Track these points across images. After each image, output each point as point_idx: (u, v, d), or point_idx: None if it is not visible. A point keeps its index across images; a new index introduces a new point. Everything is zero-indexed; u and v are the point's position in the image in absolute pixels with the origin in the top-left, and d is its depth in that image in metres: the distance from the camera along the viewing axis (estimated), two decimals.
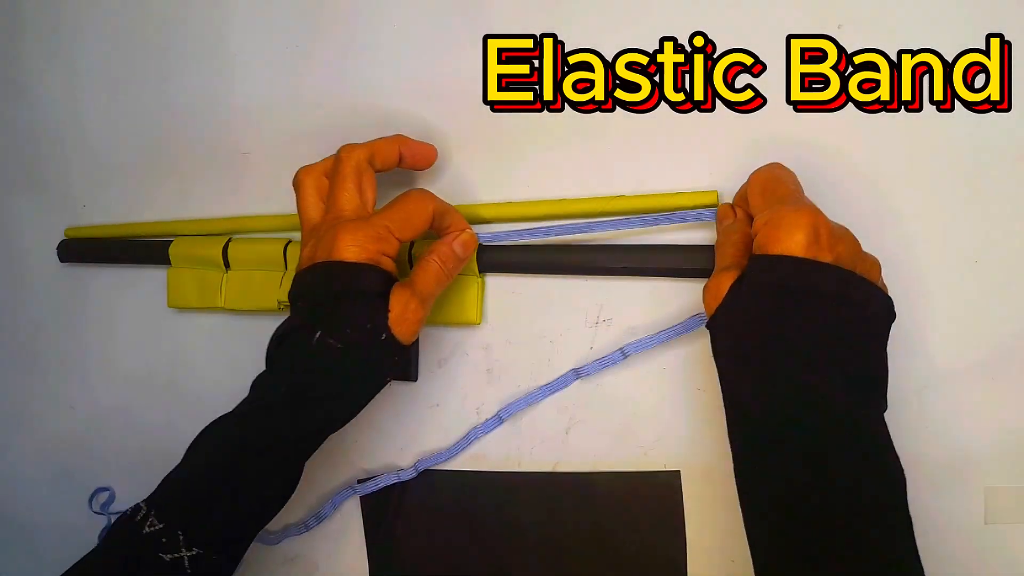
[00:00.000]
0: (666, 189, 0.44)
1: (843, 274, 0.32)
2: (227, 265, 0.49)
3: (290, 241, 0.48)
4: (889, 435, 0.33)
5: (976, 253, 0.41)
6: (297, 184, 0.41)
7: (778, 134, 0.43)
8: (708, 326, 0.36)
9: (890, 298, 0.35)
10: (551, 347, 0.46)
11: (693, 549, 0.45)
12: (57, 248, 0.53)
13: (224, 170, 0.50)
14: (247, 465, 0.37)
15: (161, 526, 0.35)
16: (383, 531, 0.49)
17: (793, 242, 0.32)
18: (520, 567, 0.47)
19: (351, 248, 0.37)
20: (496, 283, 0.47)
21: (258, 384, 0.39)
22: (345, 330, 0.37)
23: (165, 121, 0.51)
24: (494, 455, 0.47)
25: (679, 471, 0.45)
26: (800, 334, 0.32)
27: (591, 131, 0.45)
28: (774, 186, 0.36)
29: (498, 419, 0.46)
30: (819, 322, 0.32)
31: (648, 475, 0.45)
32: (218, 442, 0.38)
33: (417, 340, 0.47)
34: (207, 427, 0.38)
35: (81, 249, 0.53)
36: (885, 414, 0.34)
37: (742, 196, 0.39)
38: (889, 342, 0.42)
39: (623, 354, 0.43)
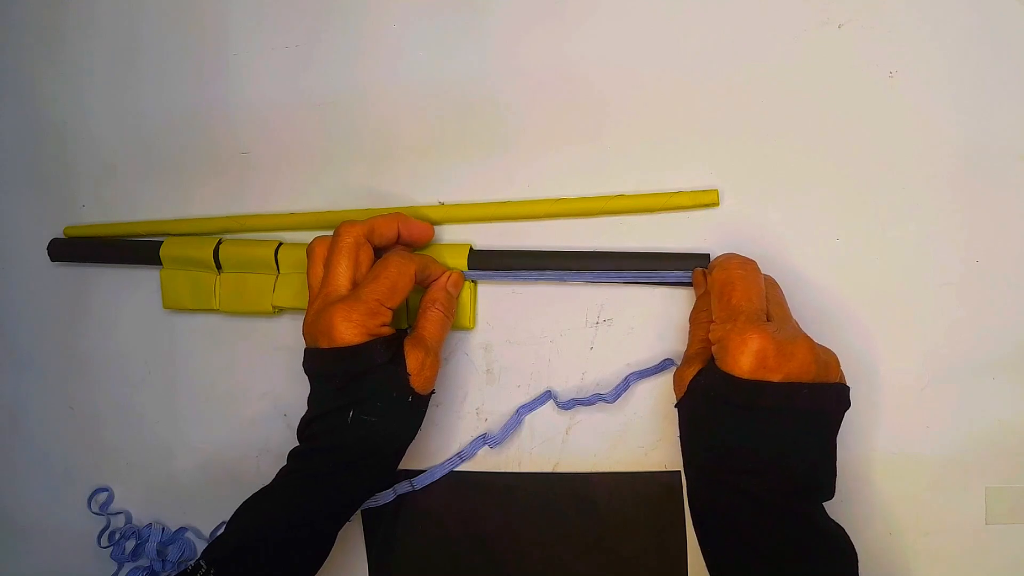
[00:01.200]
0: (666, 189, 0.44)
1: (788, 390, 0.34)
2: (219, 267, 0.49)
3: (281, 243, 0.48)
4: (830, 522, 0.35)
5: (976, 253, 0.41)
6: (309, 253, 0.42)
7: (775, 134, 0.43)
8: (676, 407, 0.39)
9: (844, 387, 0.36)
10: (551, 347, 0.46)
11: (693, 549, 0.45)
12: (47, 247, 0.52)
13: (224, 170, 0.50)
14: (291, 535, 0.38)
15: None
16: (382, 530, 0.49)
17: (739, 367, 0.34)
18: (520, 567, 0.47)
19: (351, 331, 0.38)
20: (495, 283, 0.47)
21: (296, 456, 0.41)
22: (376, 404, 0.39)
23: (165, 120, 0.51)
24: (494, 455, 0.47)
25: (679, 471, 0.45)
26: (742, 444, 0.35)
27: (591, 129, 0.45)
28: (729, 293, 0.37)
29: (482, 440, 0.46)
30: (761, 433, 0.34)
31: (648, 475, 0.45)
32: (263, 513, 0.39)
33: None
34: (250, 499, 0.40)
35: (71, 249, 0.52)
36: (885, 420, 0.35)
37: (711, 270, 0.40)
38: (889, 342, 0.42)
39: (602, 399, 0.45)
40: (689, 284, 0.43)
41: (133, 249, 0.51)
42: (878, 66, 0.41)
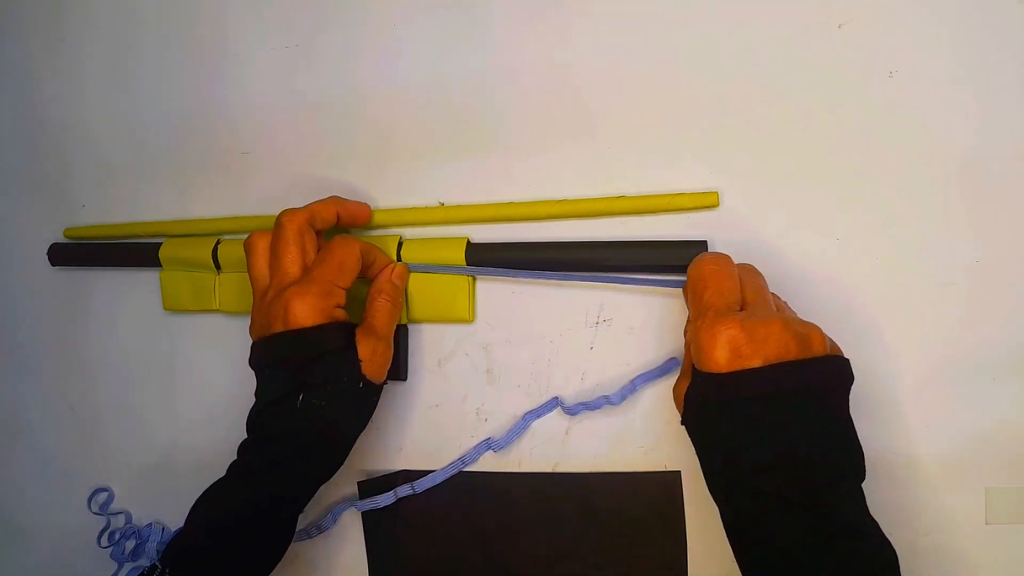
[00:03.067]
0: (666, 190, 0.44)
1: (770, 373, 0.33)
2: (218, 267, 0.49)
3: None
4: (863, 517, 0.33)
5: (976, 253, 0.41)
6: (249, 248, 0.42)
7: (775, 134, 0.43)
8: (683, 424, 0.38)
9: (837, 359, 0.35)
10: (551, 347, 0.46)
11: (693, 549, 0.45)
12: (48, 252, 0.52)
13: (224, 170, 0.50)
14: (247, 526, 0.38)
15: None
16: (382, 531, 0.49)
17: (714, 362, 0.33)
18: (520, 567, 0.47)
19: (306, 311, 0.38)
20: (495, 283, 0.47)
21: (247, 447, 0.40)
22: (327, 389, 0.39)
23: (165, 121, 0.51)
24: (494, 455, 0.47)
25: (679, 471, 0.45)
26: (746, 443, 0.33)
27: (591, 129, 0.45)
28: (700, 291, 0.36)
29: (487, 444, 0.46)
30: (761, 427, 0.33)
31: (648, 475, 0.45)
32: (217, 506, 0.39)
33: (407, 339, 0.47)
34: (204, 493, 0.40)
35: (71, 253, 0.52)
36: (885, 420, 0.34)
37: None
38: (889, 342, 0.42)
39: (608, 402, 0.44)
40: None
41: (132, 252, 0.51)
42: (878, 66, 0.41)
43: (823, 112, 0.42)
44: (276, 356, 0.40)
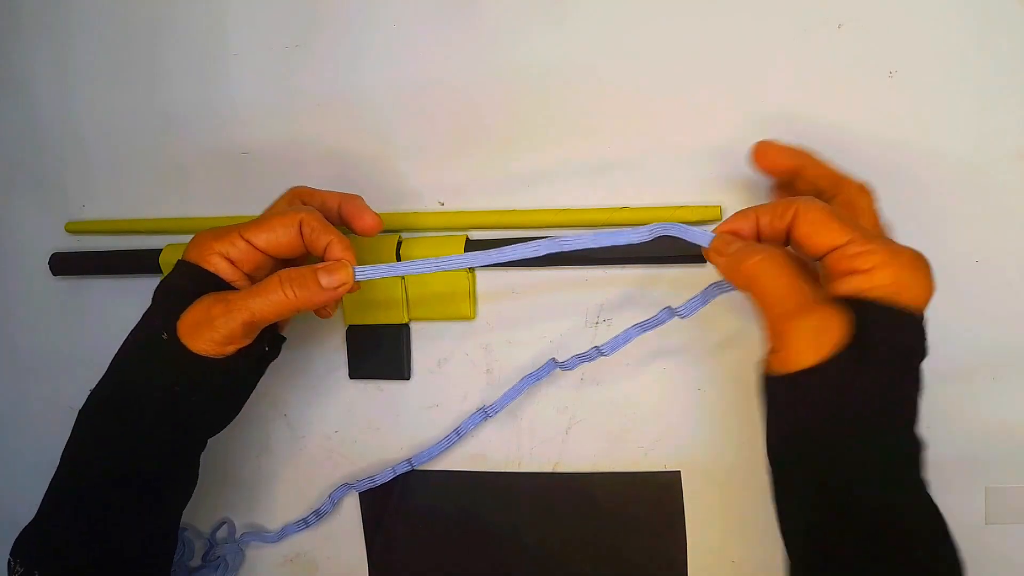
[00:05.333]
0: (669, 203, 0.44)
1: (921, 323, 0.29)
2: None
3: None
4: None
5: (976, 253, 0.41)
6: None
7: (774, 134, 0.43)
8: (785, 383, 0.29)
9: None
10: (551, 347, 0.46)
11: (693, 549, 0.45)
12: (48, 261, 0.52)
13: (224, 170, 0.50)
14: (79, 482, 0.36)
15: (22, 571, 0.34)
16: (382, 531, 0.49)
17: (924, 291, 0.28)
18: (520, 567, 0.47)
19: (193, 245, 0.35)
20: (495, 283, 0.47)
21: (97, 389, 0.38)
22: (140, 325, 0.36)
23: (164, 120, 0.51)
24: (494, 455, 0.47)
25: (679, 471, 0.45)
26: (908, 401, 0.29)
27: (594, 136, 0.45)
28: (859, 217, 0.32)
29: (483, 413, 0.46)
30: (917, 386, 0.29)
31: (648, 475, 0.45)
32: (65, 473, 0.37)
33: (408, 338, 0.47)
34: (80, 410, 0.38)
35: (72, 262, 0.52)
36: None
37: (745, 219, 0.33)
38: None
39: (600, 352, 0.42)
40: (690, 261, 0.41)
41: (133, 259, 0.51)
42: (878, 66, 0.41)
43: (823, 111, 0.42)
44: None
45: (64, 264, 0.52)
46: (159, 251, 0.49)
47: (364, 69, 0.48)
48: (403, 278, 0.46)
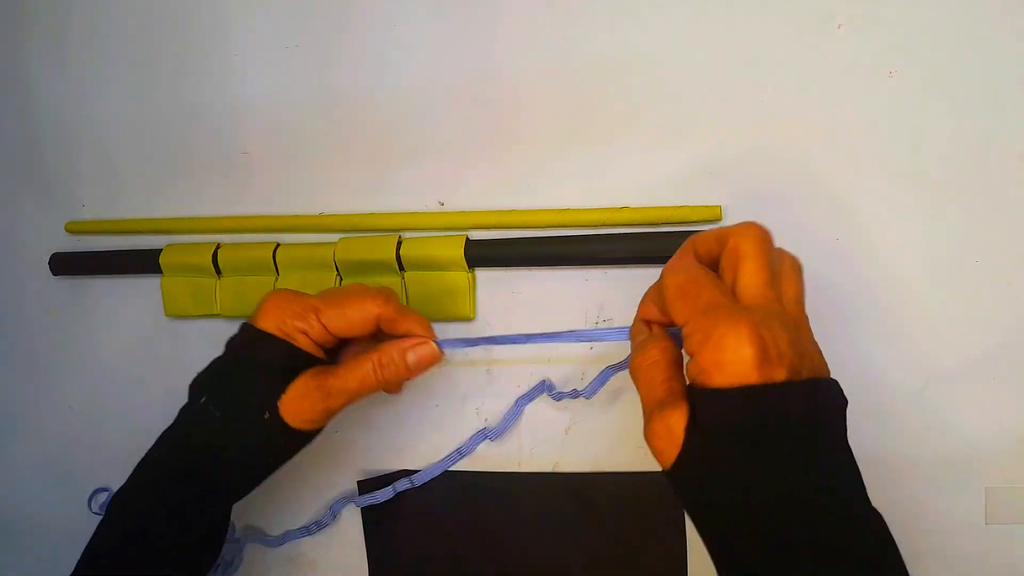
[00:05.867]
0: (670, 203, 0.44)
1: (808, 387, 0.27)
2: (218, 271, 0.49)
3: (279, 245, 0.48)
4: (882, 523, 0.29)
5: (976, 253, 0.41)
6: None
7: (775, 134, 0.43)
8: (670, 477, 0.30)
9: (836, 381, 0.30)
10: (551, 347, 0.46)
11: (693, 549, 0.45)
12: (49, 261, 0.52)
13: (224, 169, 0.50)
14: (145, 544, 0.36)
15: None
16: (382, 531, 0.49)
17: (742, 365, 0.26)
18: (520, 567, 0.47)
19: (269, 318, 0.36)
20: (495, 283, 0.47)
21: (161, 440, 0.38)
22: (229, 398, 0.36)
23: (165, 120, 0.51)
24: (494, 455, 0.47)
25: None
26: (784, 471, 0.27)
27: (597, 137, 0.45)
28: (696, 291, 0.29)
29: (481, 435, 0.46)
30: (798, 450, 0.27)
31: (648, 475, 0.45)
32: (119, 520, 0.37)
33: None
34: (113, 498, 0.38)
35: (72, 262, 0.52)
36: (885, 420, 0.34)
37: (650, 303, 0.34)
38: (889, 343, 0.42)
39: (581, 394, 0.42)
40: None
41: (133, 259, 0.51)
42: (878, 66, 0.41)
43: (823, 111, 0.42)
44: (226, 348, 0.37)
45: (64, 264, 0.52)
46: (159, 251, 0.49)
47: (364, 69, 0.48)
48: (403, 277, 0.46)
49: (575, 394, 0.43)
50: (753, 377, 0.26)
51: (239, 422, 0.35)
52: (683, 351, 0.30)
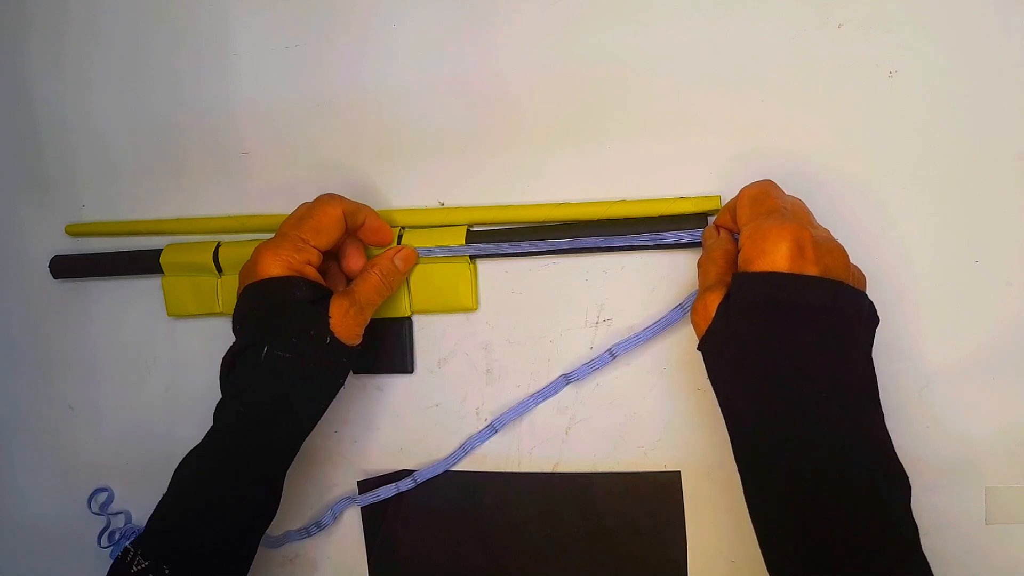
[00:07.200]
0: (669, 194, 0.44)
1: (831, 285, 0.32)
2: (219, 270, 0.49)
3: None
4: (890, 440, 0.33)
5: (976, 253, 0.41)
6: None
7: (775, 134, 0.43)
8: (700, 348, 0.35)
9: (873, 304, 0.34)
10: (551, 347, 0.46)
11: (693, 549, 0.45)
12: (49, 265, 0.52)
13: (224, 169, 0.50)
14: (223, 491, 0.38)
15: (146, 564, 0.35)
16: (383, 531, 0.49)
17: (778, 256, 0.32)
18: (520, 567, 0.47)
19: (273, 264, 0.39)
20: (495, 283, 0.47)
21: (219, 411, 0.40)
22: (291, 340, 0.38)
23: (165, 120, 0.51)
24: (494, 455, 0.47)
25: (679, 471, 0.45)
26: (793, 348, 0.32)
27: (594, 133, 0.45)
28: (763, 199, 0.35)
29: (492, 429, 0.46)
30: (810, 335, 0.32)
31: (648, 475, 0.45)
32: (192, 473, 0.39)
33: (411, 331, 0.47)
34: (182, 460, 0.39)
35: (72, 265, 0.52)
36: (885, 420, 0.34)
37: (727, 213, 0.39)
38: (890, 342, 0.42)
39: (611, 355, 0.43)
40: (697, 244, 0.42)
41: (133, 260, 0.51)
42: (878, 66, 0.41)
43: (823, 111, 0.42)
44: (244, 310, 0.39)
45: (64, 267, 0.52)
46: (159, 251, 0.49)
47: (364, 69, 0.48)
48: None
49: (605, 359, 0.44)
50: (784, 267, 0.31)
51: (309, 355, 0.39)
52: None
